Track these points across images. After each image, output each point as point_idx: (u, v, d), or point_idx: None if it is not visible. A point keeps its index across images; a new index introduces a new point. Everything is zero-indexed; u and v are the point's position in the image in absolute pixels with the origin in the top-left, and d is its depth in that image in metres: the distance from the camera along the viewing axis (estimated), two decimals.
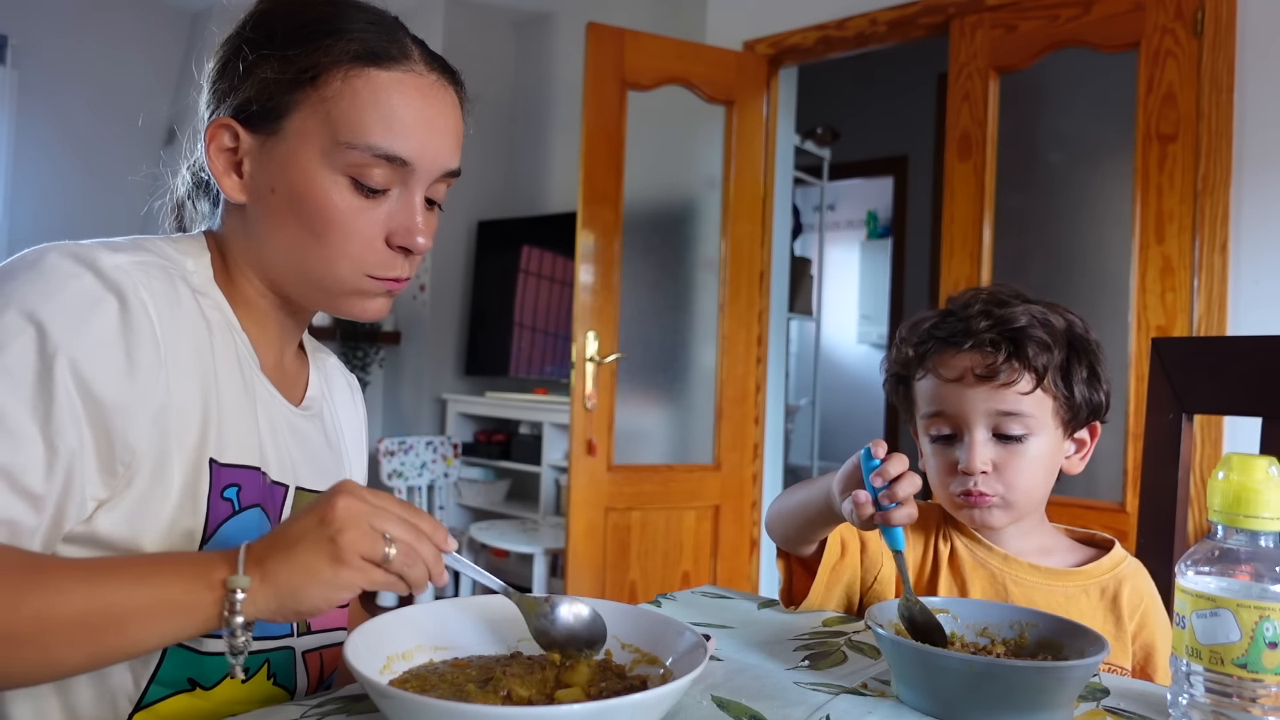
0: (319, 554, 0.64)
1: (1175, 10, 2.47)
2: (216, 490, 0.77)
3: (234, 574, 0.65)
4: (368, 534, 0.65)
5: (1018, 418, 0.97)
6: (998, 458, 0.98)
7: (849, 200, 6.09)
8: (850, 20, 3.11)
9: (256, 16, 0.83)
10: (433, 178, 0.83)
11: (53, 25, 4.27)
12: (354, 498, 0.66)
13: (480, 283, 4.68)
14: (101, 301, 0.71)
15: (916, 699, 0.74)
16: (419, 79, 0.81)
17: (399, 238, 0.82)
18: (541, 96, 4.71)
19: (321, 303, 0.85)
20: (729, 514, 3.29)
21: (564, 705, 0.62)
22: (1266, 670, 0.63)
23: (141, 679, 0.75)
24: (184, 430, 0.75)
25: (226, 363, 0.81)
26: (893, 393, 1.10)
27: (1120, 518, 2.40)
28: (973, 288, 1.07)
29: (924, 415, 1.03)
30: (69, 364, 0.68)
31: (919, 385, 1.04)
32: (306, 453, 0.90)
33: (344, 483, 0.68)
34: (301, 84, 0.79)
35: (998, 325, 0.98)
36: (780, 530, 1.01)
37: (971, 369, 0.98)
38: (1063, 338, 0.99)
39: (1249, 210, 2.38)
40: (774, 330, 3.42)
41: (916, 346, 1.03)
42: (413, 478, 4.11)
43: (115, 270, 0.72)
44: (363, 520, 0.65)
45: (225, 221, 0.86)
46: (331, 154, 0.78)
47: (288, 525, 0.67)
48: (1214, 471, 0.68)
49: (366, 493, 0.67)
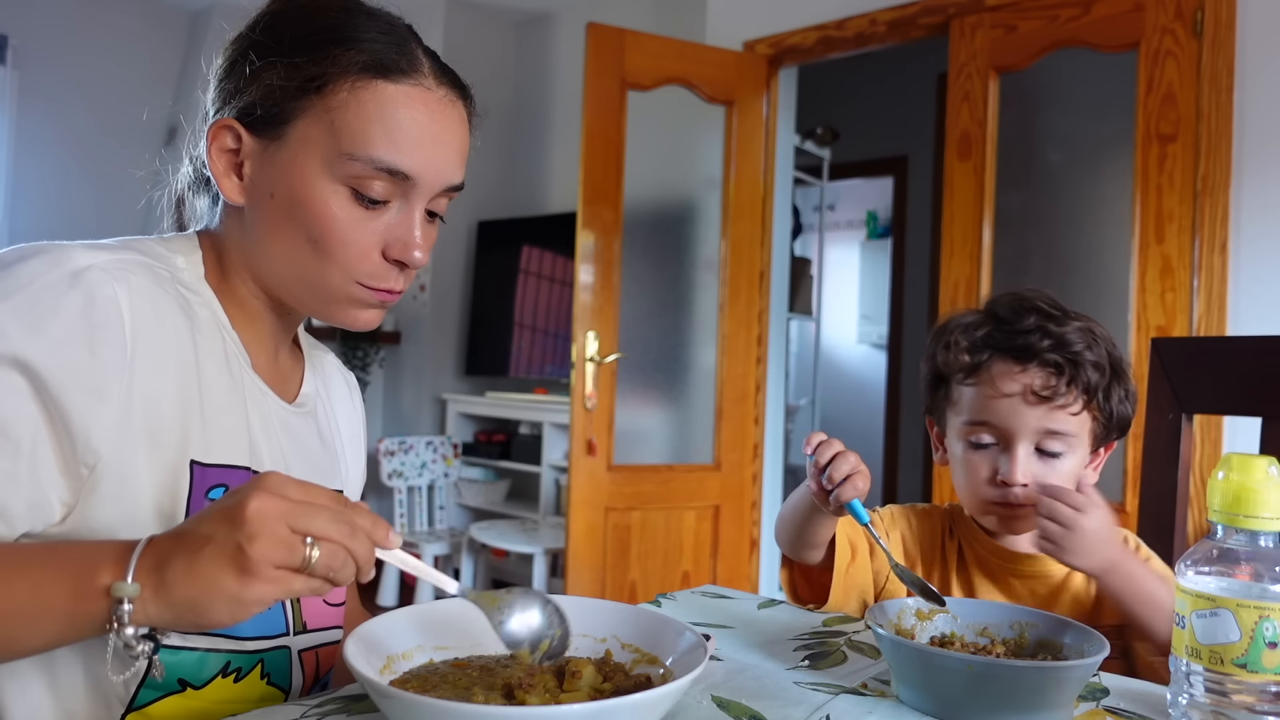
0: (224, 564, 0.58)
1: (1175, 10, 2.47)
2: (199, 492, 0.76)
3: (121, 579, 0.59)
4: (284, 539, 0.58)
5: (1062, 437, 1.00)
6: (1037, 472, 1.00)
7: (849, 200, 6.09)
8: (850, 20, 3.11)
9: (267, 19, 0.82)
10: (434, 192, 0.82)
11: (53, 25, 4.27)
12: (271, 495, 0.59)
13: (480, 283, 4.68)
14: (64, 297, 0.69)
15: (916, 699, 0.74)
16: (427, 93, 0.80)
17: (395, 251, 0.81)
18: (541, 96, 4.71)
19: (314, 309, 0.85)
20: (729, 514, 3.29)
21: (564, 705, 0.62)
22: (1266, 670, 0.63)
23: (130, 682, 0.74)
24: (158, 430, 0.74)
25: (213, 361, 0.80)
26: (929, 390, 1.11)
27: (1120, 518, 2.40)
28: (1012, 293, 1.07)
29: (967, 421, 1.04)
30: (20, 365, 0.67)
31: (964, 390, 1.04)
32: (300, 450, 0.90)
33: (264, 476, 0.61)
34: (307, 92, 0.78)
35: (1059, 347, 0.99)
36: (785, 537, 1.02)
37: (1031, 388, 0.99)
38: (1107, 359, 1.01)
39: (1249, 210, 2.38)
40: (774, 330, 3.42)
41: (972, 353, 1.03)
42: (413, 478, 4.11)
43: (87, 268, 0.71)
44: (279, 523, 0.58)
45: (223, 222, 0.86)
46: (333, 163, 0.78)
47: (197, 521, 0.61)
48: (1214, 471, 0.68)
49: (291, 486, 0.61)
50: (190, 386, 0.77)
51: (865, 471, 0.89)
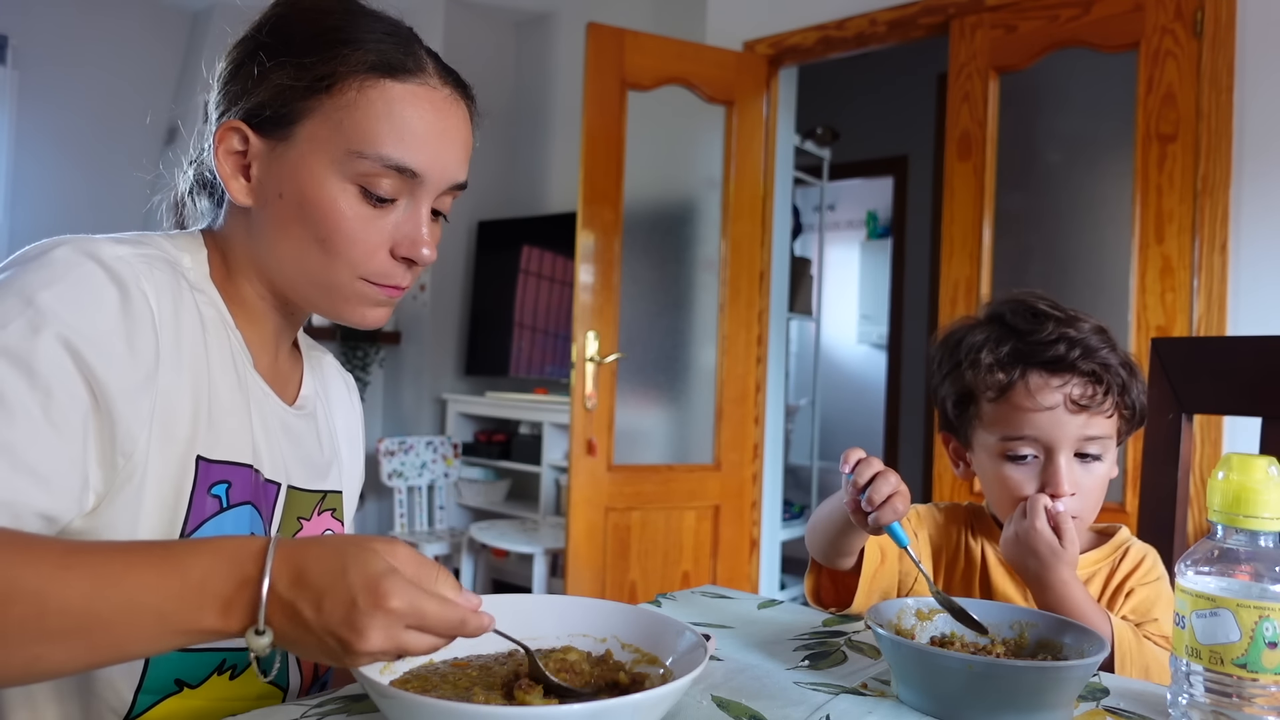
0: (339, 635, 0.58)
1: (1175, 10, 2.47)
2: (202, 487, 0.77)
3: (253, 624, 0.59)
4: (395, 638, 0.58)
5: (1099, 440, 1.02)
6: (1079, 478, 1.01)
7: (849, 200, 6.08)
8: (850, 20, 3.11)
9: (273, 21, 0.83)
10: (440, 190, 0.84)
11: (53, 25, 4.27)
12: (406, 597, 0.58)
13: (480, 283, 4.68)
14: (104, 289, 0.71)
15: (916, 699, 0.74)
16: (433, 92, 0.81)
17: (404, 249, 0.82)
18: (541, 96, 4.71)
19: (323, 308, 0.85)
20: (729, 514, 3.29)
21: (564, 705, 0.62)
22: (1266, 670, 0.63)
23: (125, 692, 0.74)
24: (173, 424, 0.75)
25: (221, 359, 0.81)
26: (955, 409, 1.08)
27: (1120, 518, 2.40)
28: (1014, 299, 1.06)
29: (1005, 437, 1.02)
30: (70, 348, 0.68)
31: (996, 407, 1.03)
32: (299, 452, 0.90)
33: (397, 563, 0.59)
34: (316, 91, 0.79)
35: (1087, 354, 1.00)
36: (819, 545, 1.01)
37: (1070, 398, 0.99)
38: (1122, 357, 1.02)
39: (1249, 210, 2.38)
40: (774, 330, 3.42)
41: (1004, 370, 1.02)
42: (413, 478, 4.11)
43: (118, 261, 0.72)
44: (396, 624, 0.58)
45: (228, 222, 0.86)
46: (342, 162, 0.79)
47: (326, 575, 0.59)
48: (1214, 471, 0.68)
49: (409, 610, 0.58)
50: (201, 383, 0.78)
51: (905, 492, 0.86)
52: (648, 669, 0.73)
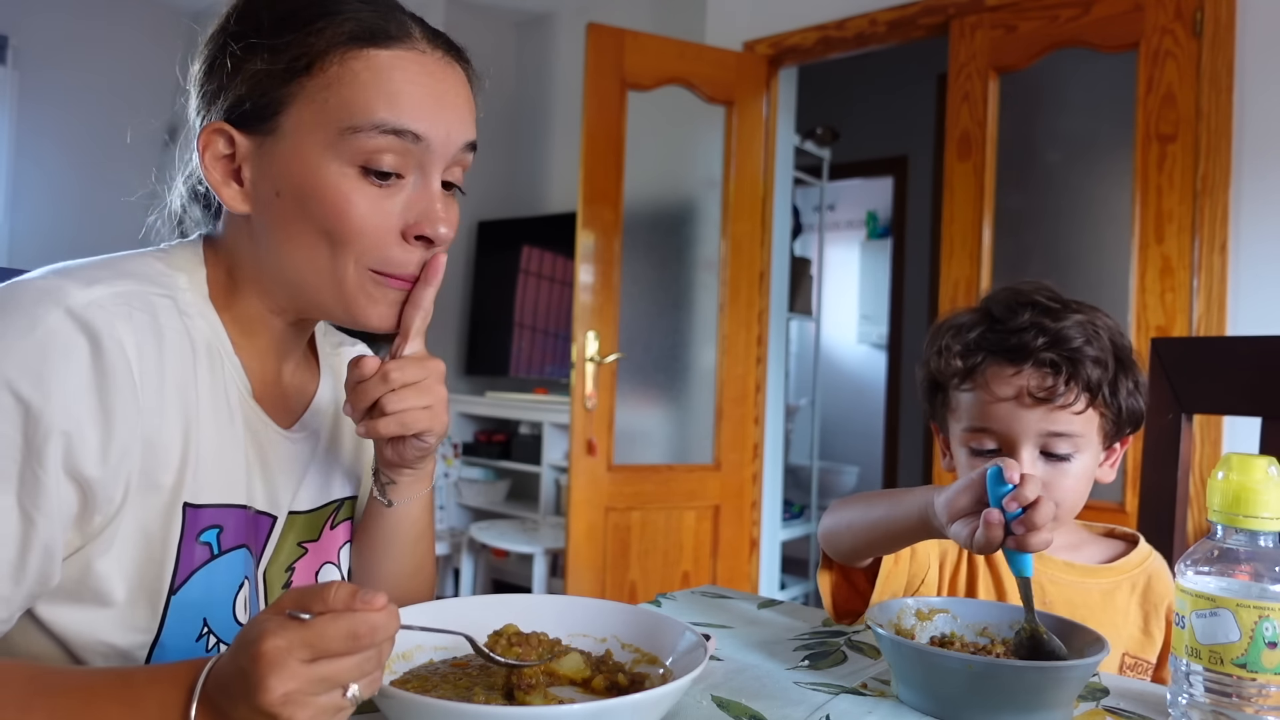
0: (270, 714, 0.52)
1: (1175, 10, 2.47)
2: (190, 535, 0.74)
3: None
4: (307, 677, 0.53)
5: (1067, 438, 0.95)
6: (1045, 476, 0.95)
7: (849, 200, 6.08)
8: (850, 20, 3.11)
9: (240, 7, 0.77)
10: (448, 156, 0.77)
11: (53, 26, 4.27)
12: (284, 672, 0.52)
13: (480, 283, 4.68)
14: (72, 346, 0.66)
15: (916, 699, 0.74)
16: (422, 56, 0.75)
17: (418, 227, 0.76)
18: (541, 96, 4.71)
19: (338, 312, 0.79)
20: (729, 514, 3.29)
21: (564, 705, 0.62)
22: (1266, 670, 0.63)
23: None
24: (157, 473, 0.71)
25: (213, 394, 0.76)
26: (927, 397, 1.06)
27: (1120, 518, 2.41)
28: (1009, 289, 1.02)
29: (967, 429, 0.99)
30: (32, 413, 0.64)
31: (961, 395, 1.00)
32: (299, 476, 0.86)
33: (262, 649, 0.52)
34: (296, 73, 0.73)
35: (1055, 344, 0.94)
36: (850, 544, 0.93)
37: (1028, 390, 0.94)
38: (1110, 351, 0.96)
39: (1248, 210, 2.38)
40: (774, 330, 3.42)
41: (964, 358, 0.98)
42: None
43: (88, 308, 0.67)
44: (291, 662, 0.52)
45: (228, 231, 0.80)
46: (336, 144, 0.73)
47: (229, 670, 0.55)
48: (1213, 471, 0.68)
49: (295, 642, 0.53)
50: (191, 425, 0.74)
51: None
52: (647, 669, 0.73)
